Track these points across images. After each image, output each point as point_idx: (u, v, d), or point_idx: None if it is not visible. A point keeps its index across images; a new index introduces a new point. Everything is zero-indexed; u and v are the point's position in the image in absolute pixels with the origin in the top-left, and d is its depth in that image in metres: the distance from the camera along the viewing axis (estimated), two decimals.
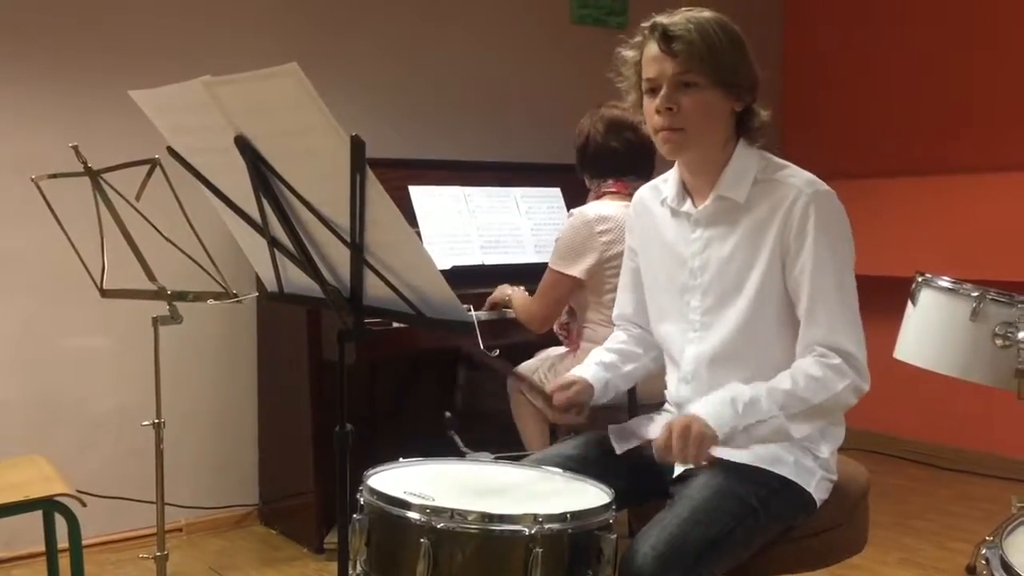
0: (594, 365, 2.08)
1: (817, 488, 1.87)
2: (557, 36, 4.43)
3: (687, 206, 1.95)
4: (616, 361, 2.10)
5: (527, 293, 3.08)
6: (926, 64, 4.58)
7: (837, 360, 1.78)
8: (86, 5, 3.37)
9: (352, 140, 1.43)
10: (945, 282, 2.82)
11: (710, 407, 1.74)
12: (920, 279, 2.88)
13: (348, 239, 1.56)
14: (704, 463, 1.75)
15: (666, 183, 2.03)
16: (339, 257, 1.64)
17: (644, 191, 2.11)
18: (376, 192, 1.49)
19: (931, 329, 2.86)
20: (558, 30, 4.45)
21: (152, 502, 2.68)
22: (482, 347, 2.33)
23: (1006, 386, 2.68)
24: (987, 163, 4.28)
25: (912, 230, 4.37)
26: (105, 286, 2.55)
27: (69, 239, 2.49)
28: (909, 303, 2.92)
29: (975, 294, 2.72)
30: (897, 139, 4.69)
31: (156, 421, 2.63)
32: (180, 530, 3.55)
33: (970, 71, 4.42)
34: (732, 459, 1.82)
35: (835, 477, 1.93)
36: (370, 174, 1.47)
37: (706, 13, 1.85)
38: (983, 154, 4.33)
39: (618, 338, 2.17)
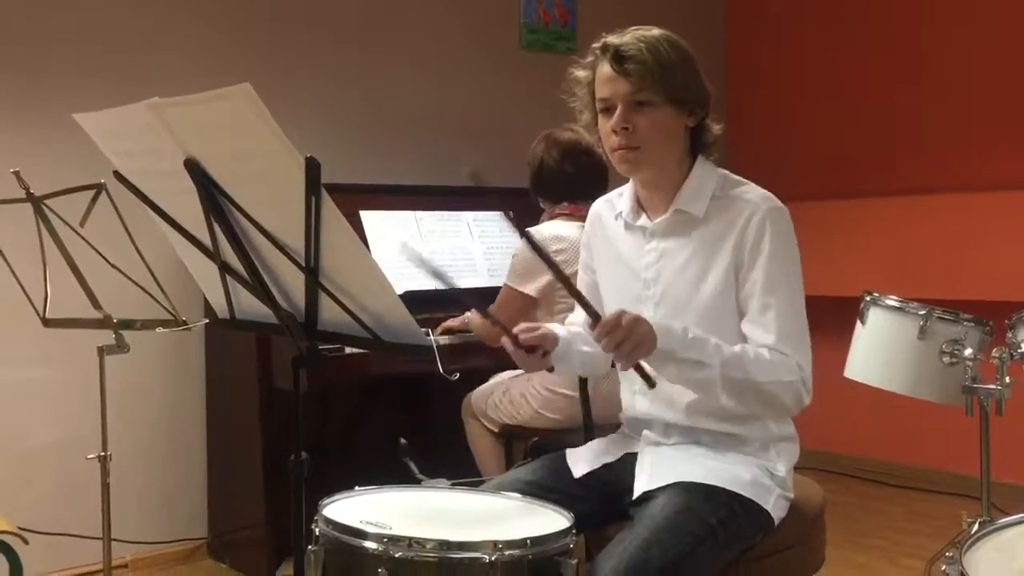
0: (556, 325, 2.02)
1: (775, 506, 1.87)
2: (507, 61, 4.46)
3: (642, 220, 1.97)
4: (577, 335, 2.04)
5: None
6: (870, 86, 4.68)
7: (792, 362, 1.80)
8: (28, 26, 3.31)
9: (307, 161, 1.41)
10: (892, 301, 2.86)
11: (664, 323, 1.75)
12: (868, 298, 2.92)
13: (302, 263, 1.54)
14: (627, 367, 1.75)
15: (621, 197, 2.04)
16: (293, 281, 1.61)
17: (599, 204, 2.12)
18: (331, 214, 1.47)
19: (879, 347, 2.89)
20: (507, 55, 4.47)
21: (97, 538, 2.60)
22: (441, 370, 2.30)
23: (954, 403, 2.72)
24: (931, 184, 4.37)
25: (859, 250, 4.44)
26: (48, 315, 2.48)
27: (10, 267, 2.43)
28: (858, 322, 2.96)
29: (922, 312, 2.76)
30: (842, 161, 4.77)
31: (102, 454, 2.55)
32: (126, 566, 3.46)
33: (913, 94, 4.52)
34: (690, 479, 1.82)
35: (792, 495, 1.94)
36: (325, 196, 1.45)
37: (655, 31, 1.88)
38: (927, 175, 4.42)
39: (573, 322, 2.13)
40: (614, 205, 2.06)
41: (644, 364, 1.75)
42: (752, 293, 1.84)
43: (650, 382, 1.75)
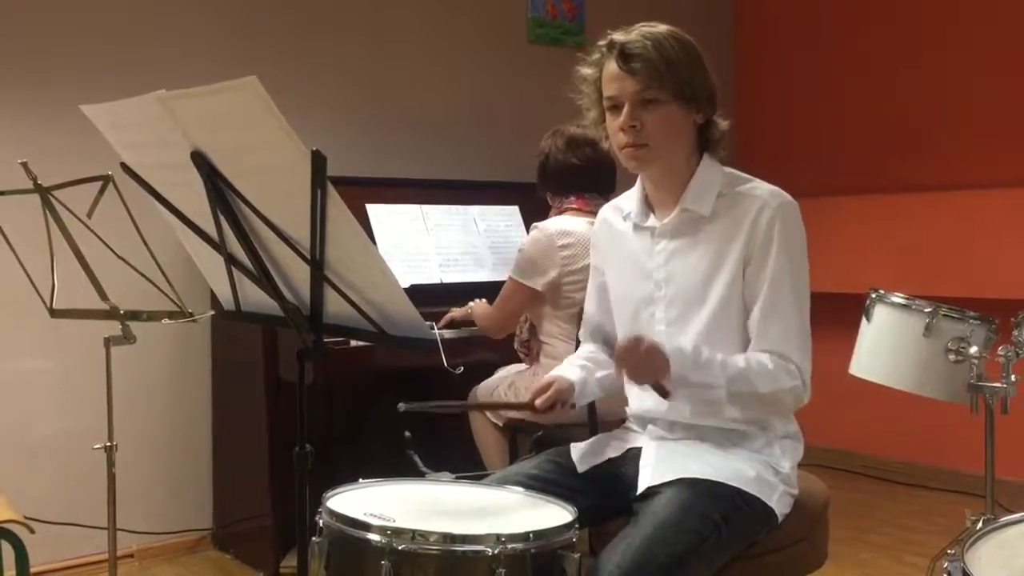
0: (568, 366, 2.07)
1: (779, 503, 1.88)
2: (514, 55, 4.45)
3: (650, 220, 1.97)
4: (589, 365, 2.09)
5: (487, 303, 3.10)
6: (879, 82, 4.66)
7: (792, 366, 1.83)
8: (35, 19, 3.31)
9: (313, 155, 1.41)
10: (898, 298, 2.85)
11: (678, 351, 1.78)
12: (874, 295, 2.91)
13: (308, 256, 1.54)
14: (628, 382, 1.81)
15: (628, 199, 2.05)
16: (299, 274, 1.61)
17: (606, 210, 2.13)
18: (337, 208, 1.47)
19: (885, 345, 2.88)
20: (515, 49, 4.46)
21: (103, 528, 2.62)
22: (445, 364, 2.31)
23: (959, 400, 2.72)
24: (938, 182, 4.35)
25: (865, 247, 4.43)
26: (55, 306, 2.48)
27: (18, 258, 2.43)
28: (863, 319, 2.95)
29: (928, 310, 2.76)
30: (850, 157, 4.76)
31: (108, 444, 2.56)
32: (132, 556, 3.47)
33: (921, 92, 4.51)
34: (694, 475, 1.82)
35: (796, 491, 1.94)
36: (331, 189, 1.45)
37: (661, 28, 1.88)
38: (934, 173, 4.41)
39: (587, 348, 2.17)
40: (621, 208, 2.07)
41: None
42: (758, 292, 1.85)
43: (666, 394, 1.81)
